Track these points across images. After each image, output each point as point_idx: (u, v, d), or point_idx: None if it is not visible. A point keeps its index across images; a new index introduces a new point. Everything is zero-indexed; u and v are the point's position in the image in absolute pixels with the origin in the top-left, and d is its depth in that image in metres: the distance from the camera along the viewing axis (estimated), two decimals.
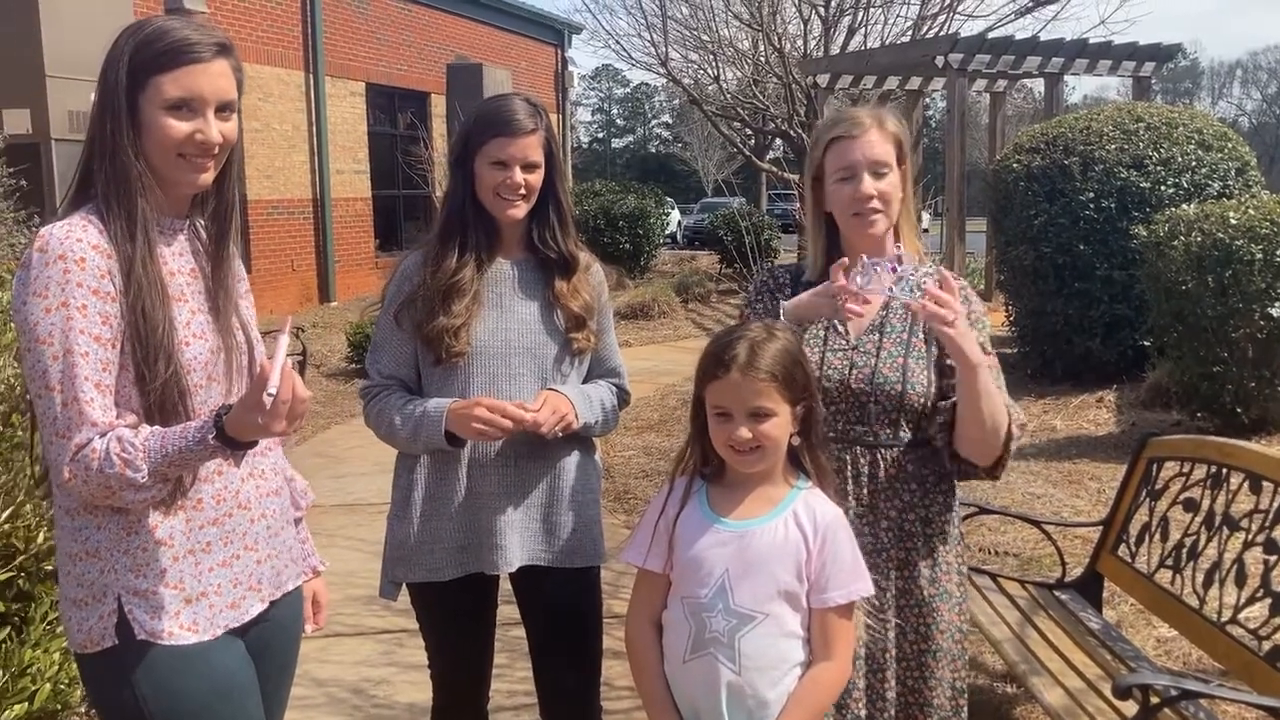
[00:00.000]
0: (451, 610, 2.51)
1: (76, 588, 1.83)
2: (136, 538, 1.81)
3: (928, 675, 2.27)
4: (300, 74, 15.48)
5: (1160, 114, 8.60)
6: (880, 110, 2.33)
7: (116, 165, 1.80)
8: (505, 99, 2.44)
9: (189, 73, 1.80)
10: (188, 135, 1.81)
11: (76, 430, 1.71)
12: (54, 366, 1.71)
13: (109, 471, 1.69)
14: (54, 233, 1.75)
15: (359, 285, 16.60)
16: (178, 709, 1.83)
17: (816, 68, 15.00)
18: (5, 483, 2.92)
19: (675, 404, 8.80)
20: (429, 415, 2.36)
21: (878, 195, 2.25)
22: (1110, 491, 5.58)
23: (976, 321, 2.26)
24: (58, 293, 1.72)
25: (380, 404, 2.45)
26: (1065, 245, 8.21)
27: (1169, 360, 7.02)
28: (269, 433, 1.68)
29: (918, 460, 2.27)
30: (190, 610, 1.84)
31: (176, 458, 1.72)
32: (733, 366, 1.93)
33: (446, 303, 2.38)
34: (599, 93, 75.83)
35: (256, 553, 1.96)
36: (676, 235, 29.91)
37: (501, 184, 2.38)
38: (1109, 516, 3.64)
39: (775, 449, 1.96)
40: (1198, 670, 3.68)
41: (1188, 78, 78.81)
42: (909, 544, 2.27)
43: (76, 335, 1.72)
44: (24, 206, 8.42)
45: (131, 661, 1.81)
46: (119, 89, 1.80)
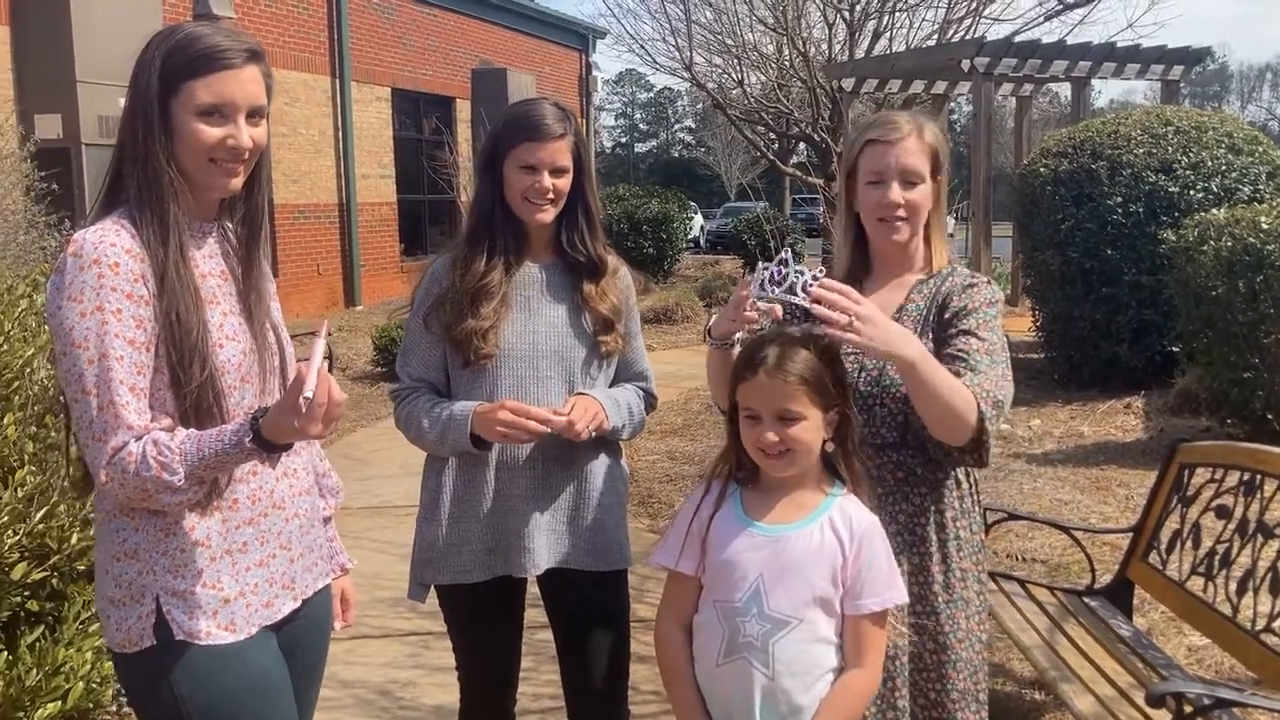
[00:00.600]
0: (479, 612, 2.51)
1: (115, 588, 1.85)
2: (174, 539, 1.83)
3: (949, 687, 2.24)
4: (326, 79, 15.58)
5: (1189, 118, 8.53)
6: (922, 118, 2.30)
7: (149, 170, 1.81)
8: (534, 103, 2.45)
9: (221, 79, 1.82)
10: (219, 140, 1.83)
11: (112, 434, 1.72)
12: (89, 370, 1.73)
13: (145, 475, 1.71)
14: (87, 237, 1.77)
15: (384, 289, 16.68)
16: (215, 708, 1.84)
17: (841, 72, 14.98)
18: (40, 483, 2.95)
19: (699, 408, 8.79)
20: (455, 418, 2.37)
21: (905, 204, 2.23)
22: (1138, 498, 5.54)
23: (976, 311, 2.20)
24: (92, 297, 1.74)
25: (409, 406, 2.46)
26: (1093, 250, 8.16)
27: (1198, 366, 6.96)
28: (305, 435, 1.70)
29: (928, 463, 2.24)
30: (227, 610, 1.86)
31: (213, 460, 1.74)
32: (761, 369, 1.93)
33: (475, 305, 2.39)
34: (622, 97, 75.97)
35: (290, 551, 1.98)
36: (699, 240, 29.87)
37: (530, 188, 2.38)
38: (1139, 523, 3.61)
39: (805, 453, 1.95)
40: (1230, 679, 3.64)
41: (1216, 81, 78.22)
42: (921, 549, 2.23)
43: (111, 339, 1.73)
44: (55, 210, 8.52)
45: (169, 661, 1.83)
46: (151, 94, 1.81)
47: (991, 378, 2.13)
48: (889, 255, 2.34)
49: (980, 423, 2.07)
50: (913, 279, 2.33)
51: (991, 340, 2.20)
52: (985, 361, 2.15)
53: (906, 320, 2.28)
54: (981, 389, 2.09)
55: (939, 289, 2.29)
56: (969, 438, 2.08)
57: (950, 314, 2.24)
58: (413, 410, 2.45)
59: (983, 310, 2.23)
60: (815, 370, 1.92)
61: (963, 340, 2.19)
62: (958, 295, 2.26)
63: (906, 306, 2.29)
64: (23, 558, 2.89)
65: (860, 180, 2.28)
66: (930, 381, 2.01)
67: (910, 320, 2.27)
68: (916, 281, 2.32)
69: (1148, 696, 2.42)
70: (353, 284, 16.06)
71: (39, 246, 7.98)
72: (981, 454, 2.14)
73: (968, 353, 2.16)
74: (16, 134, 9.11)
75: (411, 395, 2.48)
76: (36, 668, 2.90)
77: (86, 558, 3.15)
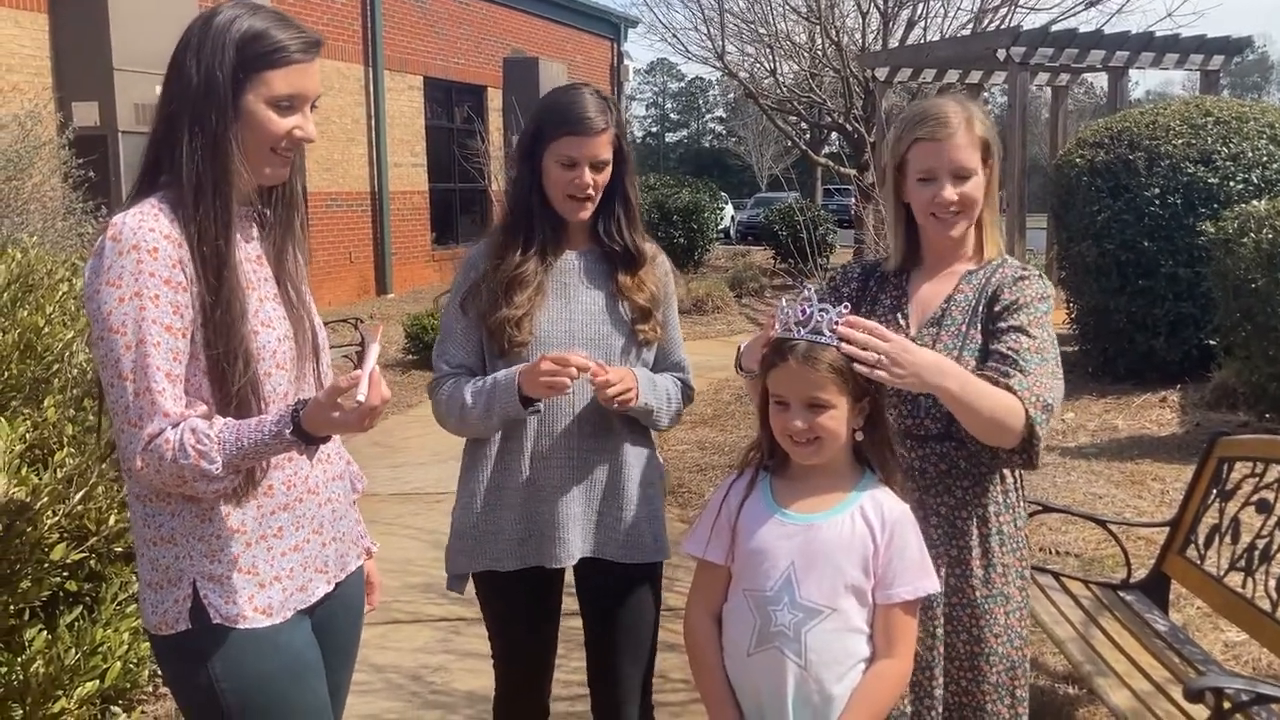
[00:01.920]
0: (513, 600, 2.51)
1: (152, 571, 1.86)
2: (210, 525, 1.84)
3: (980, 679, 2.23)
4: (360, 67, 15.65)
5: (1230, 108, 8.41)
6: (970, 107, 2.27)
7: (219, 157, 1.81)
8: (576, 93, 2.41)
9: (298, 71, 1.84)
10: (288, 130, 1.85)
11: (149, 420, 1.73)
12: (126, 356, 1.73)
13: (183, 462, 1.71)
14: (126, 222, 1.76)
15: (416, 278, 16.76)
16: (250, 690, 1.86)
17: (874, 61, 14.87)
18: (79, 465, 2.98)
19: (729, 399, 8.77)
20: (499, 383, 2.34)
21: (959, 199, 2.21)
22: (1174, 493, 5.48)
23: (1028, 306, 2.19)
24: (131, 282, 1.73)
25: (450, 389, 2.44)
26: (1129, 242, 8.06)
27: (1236, 360, 6.88)
28: (349, 430, 1.71)
29: (971, 456, 2.21)
30: (264, 594, 1.88)
31: (251, 450, 1.74)
32: (791, 356, 1.91)
33: (509, 294, 2.38)
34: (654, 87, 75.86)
35: (323, 535, 1.99)
36: (730, 230, 29.77)
37: (570, 183, 2.36)
38: (1176, 517, 3.57)
39: (832, 441, 1.93)
40: (1268, 675, 3.60)
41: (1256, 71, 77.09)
42: (961, 542, 2.22)
43: (149, 325, 1.73)
44: (92, 197, 8.61)
45: (206, 644, 1.84)
46: (224, 80, 1.80)
47: (1041, 379, 2.11)
48: (942, 246, 2.32)
49: (1029, 428, 2.06)
50: (962, 268, 2.31)
51: (1042, 338, 2.18)
52: (1035, 361, 2.13)
53: (954, 310, 2.26)
54: (1031, 393, 2.07)
55: (989, 280, 2.27)
56: (1018, 443, 2.08)
57: (1000, 307, 2.21)
58: (454, 392, 2.42)
59: (1034, 306, 2.21)
60: (845, 360, 1.91)
61: (1013, 337, 2.16)
62: (1009, 288, 2.23)
63: (955, 297, 2.27)
64: (61, 539, 2.93)
65: (911, 177, 2.26)
66: (974, 405, 2.02)
67: (958, 310, 2.26)
68: (966, 271, 2.30)
69: (1186, 691, 2.40)
70: (384, 272, 16.14)
71: (76, 233, 8.06)
72: (1031, 456, 2.13)
73: (1018, 352, 2.14)
74: (55, 121, 9.21)
75: (450, 380, 2.46)
76: (75, 647, 2.94)
77: (124, 539, 3.19)
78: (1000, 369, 2.12)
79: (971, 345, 2.22)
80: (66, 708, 2.84)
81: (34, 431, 3.03)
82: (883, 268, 2.42)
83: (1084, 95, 23.91)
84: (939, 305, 2.28)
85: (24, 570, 2.79)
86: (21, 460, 2.89)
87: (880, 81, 14.78)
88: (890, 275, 2.39)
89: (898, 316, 2.31)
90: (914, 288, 2.34)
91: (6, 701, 2.75)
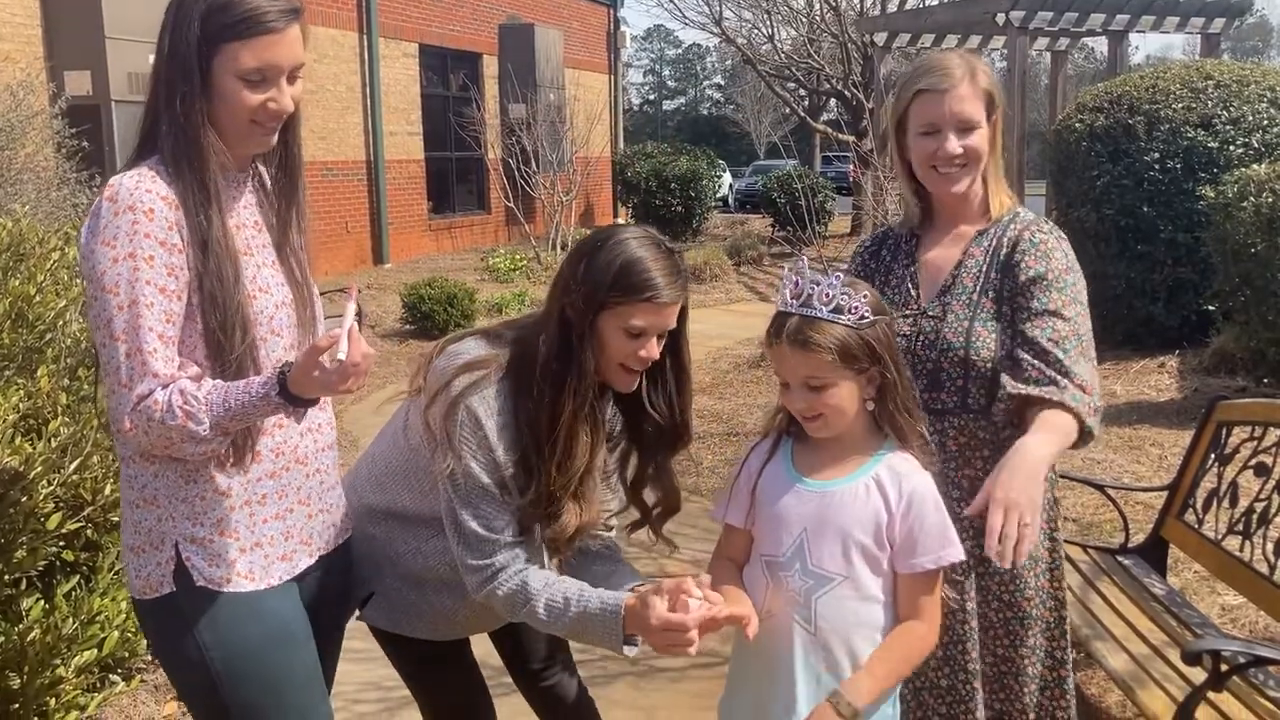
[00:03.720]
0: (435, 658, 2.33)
1: (134, 534, 1.85)
2: (194, 486, 1.83)
3: (1018, 643, 2.21)
4: (354, 35, 15.51)
5: (1231, 71, 8.35)
6: (973, 59, 2.20)
7: (188, 133, 1.78)
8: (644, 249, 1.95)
9: (265, 43, 1.77)
10: (261, 104, 1.80)
11: (139, 381, 1.71)
12: (119, 316, 1.71)
13: (170, 423, 1.70)
14: (123, 183, 1.75)
15: (413, 247, 16.70)
16: (236, 654, 1.85)
17: (873, 26, 14.77)
18: (74, 434, 2.97)
19: (727, 367, 8.76)
20: (592, 617, 1.91)
21: (964, 152, 2.15)
22: (1172, 458, 5.48)
23: (1057, 283, 2.13)
24: (125, 242, 1.72)
25: (515, 587, 1.96)
26: (1128, 207, 8.03)
27: (1235, 325, 6.86)
28: (333, 390, 1.69)
29: (990, 426, 2.16)
30: (246, 559, 1.86)
31: (239, 411, 1.72)
32: (782, 336, 1.86)
33: (580, 495, 2.00)
34: (650, 54, 75.41)
35: (309, 507, 1.97)
36: (728, 199, 29.65)
37: (633, 355, 1.97)
38: (1175, 481, 3.56)
39: (839, 417, 1.89)
40: (1265, 638, 3.61)
41: (1256, 35, 76.65)
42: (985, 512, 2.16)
43: (143, 286, 1.72)
44: (85, 167, 8.56)
45: (191, 608, 1.83)
46: (189, 53, 1.76)
47: (1085, 374, 2.06)
48: (948, 204, 2.26)
49: (1082, 424, 2.03)
50: (971, 230, 2.25)
51: (1076, 319, 2.11)
52: (1074, 347, 2.08)
53: (965, 277, 2.20)
54: (1085, 404, 2.03)
55: (1000, 238, 2.21)
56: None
57: (1027, 279, 2.14)
58: (519, 593, 1.96)
59: (1063, 279, 2.14)
60: (840, 338, 1.83)
61: (1049, 324, 2.09)
62: (1032, 254, 2.16)
63: (965, 262, 2.22)
64: (57, 508, 2.92)
65: (912, 131, 2.20)
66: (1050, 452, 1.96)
67: (969, 277, 2.20)
68: (975, 233, 2.24)
69: (1184, 654, 2.40)
70: (381, 242, 16.08)
71: (70, 203, 8.03)
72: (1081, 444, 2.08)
73: (1058, 343, 2.07)
74: (47, 91, 9.14)
75: (507, 565, 1.98)
76: (72, 616, 2.94)
77: (120, 509, 3.18)
78: (1045, 373, 2.05)
79: (984, 314, 2.16)
80: (65, 676, 2.85)
81: (28, 401, 3.02)
82: (895, 232, 2.36)
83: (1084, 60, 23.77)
84: (949, 272, 2.23)
85: (20, 540, 2.79)
86: (15, 430, 2.88)
87: (879, 47, 14.68)
88: (902, 241, 2.33)
89: (908, 285, 2.26)
90: (923, 253, 2.29)
91: (4, 671, 2.75)
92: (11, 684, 2.75)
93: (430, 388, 2.02)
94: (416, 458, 2.10)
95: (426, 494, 2.09)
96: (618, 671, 3.63)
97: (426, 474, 2.07)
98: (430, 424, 2.00)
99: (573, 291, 1.97)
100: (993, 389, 2.14)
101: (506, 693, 2.58)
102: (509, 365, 2.00)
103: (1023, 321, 2.12)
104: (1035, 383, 2.06)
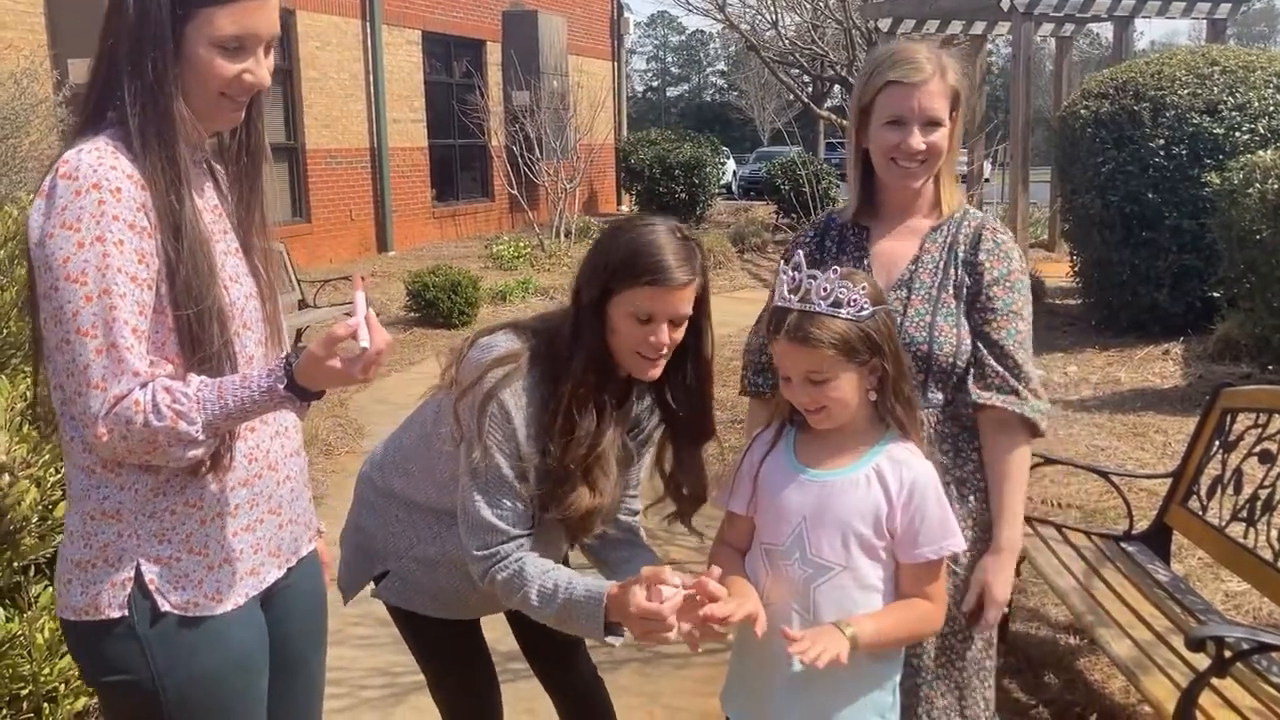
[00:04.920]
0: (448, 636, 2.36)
1: (86, 549, 1.66)
2: (164, 499, 1.66)
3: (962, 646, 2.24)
4: (357, 22, 15.49)
5: (1237, 57, 8.33)
6: (943, 55, 2.19)
7: (159, 105, 1.60)
8: (656, 233, 1.97)
9: (245, 9, 1.61)
10: (236, 75, 1.64)
11: (114, 380, 1.53)
12: (87, 308, 1.52)
13: (156, 425, 1.53)
14: (83, 159, 1.55)
15: (416, 235, 16.70)
16: (192, 680, 1.69)
17: (877, 12, 14.71)
18: None
19: (729, 355, 8.73)
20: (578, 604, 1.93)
21: (926, 149, 2.13)
22: (1176, 445, 5.49)
23: (1014, 285, 2.18)
24: (91, 226, 1.53)
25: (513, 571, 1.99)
26: (1133, 194, 8.02)
27: (1239, 312, 6.86)
28: (349, 381, 1.57)
29: (949, 420, 2.18)
30: (213, 578, 1.70)
31: (236, 410, 1.57)
32: (783, 332, 1.86)
33: (590, 479, 2.01)
34: (654, 40, 75.18)
35: (279, 516, 1.81)
36: (732, 185, 29.57)
37: (644, 341, 1.97)
38: (1179, 468, 3.57)
39: (842, 409, 1.89)
40: (1269, 624, 3.62)
41: (1263, 20, 76.29)
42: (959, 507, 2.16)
43: (114, 274, 1.53)
44: None
45: (145, 633, 1.66)
46: (161, 16, 1.59)
47: (1034, 374, 2.17)
48: (899, 199, 2.24)
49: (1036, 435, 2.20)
50: (924, 225, 2.24)
51: (1029, 319, 2.21)
52: (1028, 348, 2.18)
53: (923, 272, 2.20)
54: (1040, 411, 2.16)
55: (955, 235, 2.22)
56: None
57: (990, 279, 2.17)
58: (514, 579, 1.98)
59: (1020, 281, 2.20)
60: (840, 332, 1.83)
61: (1011, 324, 2.17)
62: (995, 256, 2.19)
63: (921, 258, 2.21)
64: (65, 496, 2.92)
65: (876, 119, 2.17)
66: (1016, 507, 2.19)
67: (926, 273, 2.20)
68: (929, 229, 2.23)
69: (1188, 640, 2.41)
70: (385, 229, 16.08)
71: None
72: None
73: (1021, 344, 2.16)
74: (50, 78, 9.13)
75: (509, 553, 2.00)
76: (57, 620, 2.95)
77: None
78: (1007, 381, 2.14)
79: (944, 309, 2.17)
80: (73, 664, 2.86)
81: (35, 389, 3.02)
82: (838, 220, 2.33)
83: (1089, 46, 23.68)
84: (905, 267, 2.22)
85: (27, 527, 2.80)
86: (23, 418, 2.89)
87: (883, 33, 14.62)
88: (849, 232, 2.30)
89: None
90: (874, 244, 2.26)
91: (13, 657, 2.76)
92: (21, 670, 2.77)
93: (463, 381, 2.02)
94: (443, 450, 2.12)
95: (448, 486, 2.11)
96: (624, 658, 3.65)
97: (451, 467, 2.10)
98: (460, 417, 2.01)
99: (587, 276, 2.00)
100: (949, 383, 2.17)
101: (511, 679, 2.59)
102: (536, 356, 2.01)
103: (986, 323, 2.16)
104: (999, 390, 2.14)
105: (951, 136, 2.18)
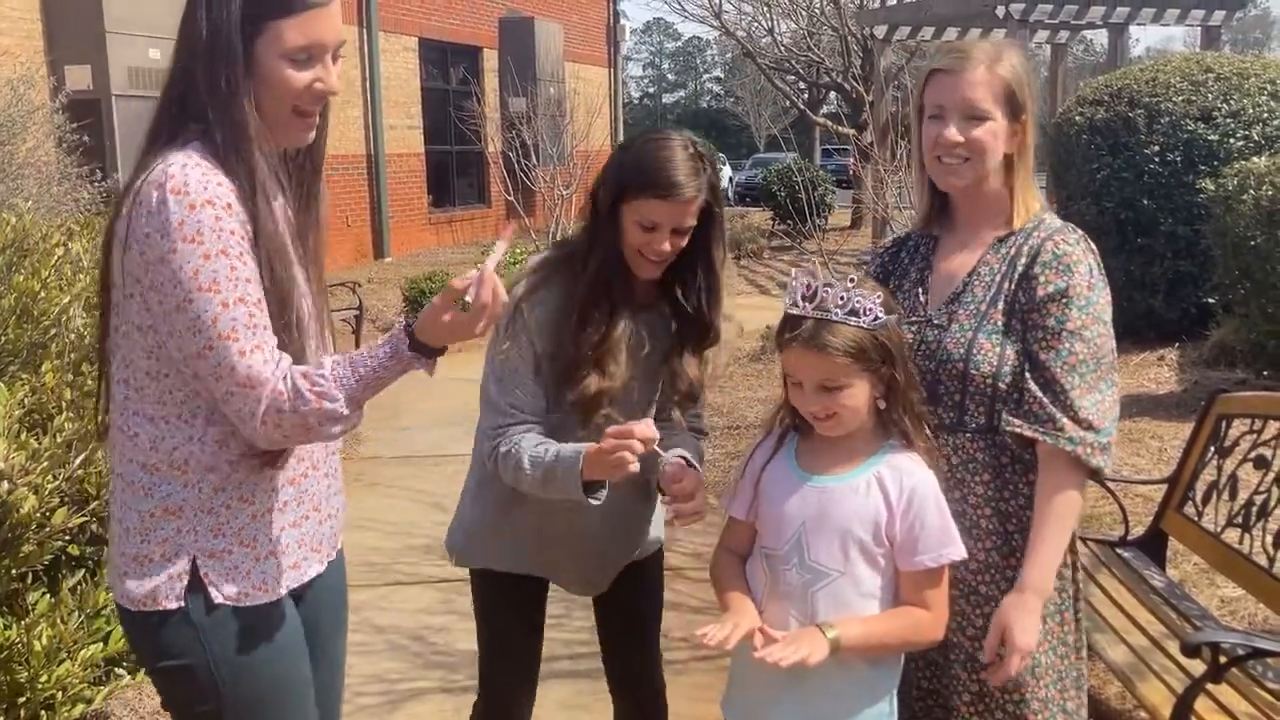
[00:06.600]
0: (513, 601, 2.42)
1: (144, 544, 1.74)
2: (222, 495, 1.74)
3: (1028, 696, 2.00)
4: (354, 28, 15.49)
5: (1231, 64, 8.34)
6: (1001, 46, 2.03)
7: (235, 117, 1.66)
8: (668, 149, 2.09)
9: (312, 18, 1.66)
10: (308, 85, 1.70)
11: (262, 379, 1.63)
12: (224, 315, 1.61)
13: (304, 409, 1.63)
14: (189, 175, 1.61)
15: (413, 241, 16.70)
16: (245, 668, 1.78)
17: (873, 19, 14.76)
18: (79, 430, 2.98)
19: (728, 360, 8.77)
20: (562, 462, 2.06)
21: (966, 143, 1.96)
22: (1172, 451, 5.49)
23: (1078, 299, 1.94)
24: (214, 239, 1.60)
25: (512, 444, 2.15)
26: (1128, 200, 8.03)
27: (1234, 318, 6.87)
28: (465, 334, 1.68)
29: (991, 447, 2.00)
30: (259, 569, 1.79)
31: (370, 378, 1.68)
32: (797, 339, 1.85)
33: (601, 365, 2.15)
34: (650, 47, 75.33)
35: (320, 513, 1.90)
36: (728, 192, 29.60)
37: (646, 245, 2.11)
38: (1174, 474, 3.58)
39: (853, 416, 1.89)
40: (1265, 630, 3.63)
41: (1258, 27, 76.55)
42: (986, 543, 2.02)
43: (243, 284, 1.63)
44: (86, 162, 8.56)
45: (202, 621, 1.75)
46: (231, 32, 1.64)
47: (1092, 405, 1.91)
48: (966, 206, 2.08)
49: (1094, 473, 1.95)
50: (990, 236, 2.06)
51: (1097, 340, 1.94)
52: (1091, 373, 1.93)
53: (976, 285, 2.03)
54: (1086, 446, 1.90)
55: (1020, 248, 2.02)
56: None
57: (1046, 295, 1.96)
58: (513, 449, 2.14)
59: (1085, 296, 1.95)
60: (856, 340, 1.82)
61: (1065, 346, 1.93)
62: (1052, 268, 1.96)
63: (978, 269, 2.05)
64: (63, 503, 2.93)
65: (923, 115, 2.04)
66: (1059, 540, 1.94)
67: (980, 285, 2.03)
68: (994, 239, 2.05)
69: (1183, 646, 2.41)
70: (381, 236, 16.09)
71: (72, 197, 8.03)
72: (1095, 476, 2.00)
73: (1073, 367, 1.92)
74: (47, 85, 9.14)
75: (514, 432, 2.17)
76: (78, 610, 2.95)
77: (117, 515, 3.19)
78: (1045, 409, 1.91)
79: (989, 325, 2.00)
80: (71, 670, 2.86)
81: (32, 396, 3.03)
82: (915, 234, 2.21)
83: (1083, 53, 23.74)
84: (961, 279, 2.06)
85: (26, 535, 2.80)
86: (21, 425, 2.89)
87: (878, 40, 14.68)
88: (921, 245, 2.17)
89: (919, 291, 2.11)
90: (940, 258, 2.13)
91: (11, 664, 2.76)
92: (19, 677, 2.77)
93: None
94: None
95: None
96: None
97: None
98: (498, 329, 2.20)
99: (602, 184, 2.16)
100: (991, 408, 1.99)
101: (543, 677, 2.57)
102: (556, 267, 2.22)
103: (1037, 342, 1.96)
104: (1032, 419, 1.93)
105: (1020, 141, 2.01)
